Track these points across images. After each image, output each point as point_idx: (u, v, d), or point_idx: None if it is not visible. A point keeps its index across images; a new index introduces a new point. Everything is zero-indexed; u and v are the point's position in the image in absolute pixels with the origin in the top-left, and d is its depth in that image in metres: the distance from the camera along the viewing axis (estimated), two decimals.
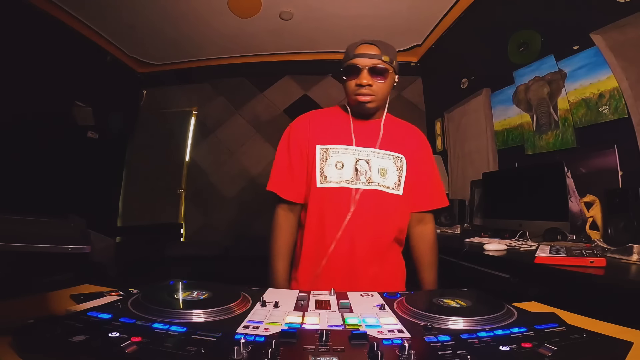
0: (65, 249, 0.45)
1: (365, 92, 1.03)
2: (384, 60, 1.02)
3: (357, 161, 1.06)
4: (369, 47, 1.04)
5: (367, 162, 1.07)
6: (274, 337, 0.47)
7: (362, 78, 1.01)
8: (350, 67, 1.03)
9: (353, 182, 1.05)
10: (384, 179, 1.07)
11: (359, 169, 1.06)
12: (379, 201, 1.05)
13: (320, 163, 1.07)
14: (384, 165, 1.08)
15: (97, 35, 3.04)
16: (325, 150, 1.08)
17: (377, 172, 1.07)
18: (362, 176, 1.05)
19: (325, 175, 1.06)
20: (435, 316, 0.56)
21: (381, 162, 1.08)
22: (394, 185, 1.08)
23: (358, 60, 1.02)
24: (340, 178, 1.05)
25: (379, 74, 1.03)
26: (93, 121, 3.08)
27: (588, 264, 1.08)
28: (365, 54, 1.02)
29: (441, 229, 2.57)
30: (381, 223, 1.06)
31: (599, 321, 0.59)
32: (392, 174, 1.08)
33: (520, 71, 2.18)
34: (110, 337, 0.44)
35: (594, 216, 1.54)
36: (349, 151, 1.07)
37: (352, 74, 1.04)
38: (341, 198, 1.04)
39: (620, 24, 1.53)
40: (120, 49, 3.34)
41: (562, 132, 1.90)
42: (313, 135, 1.10)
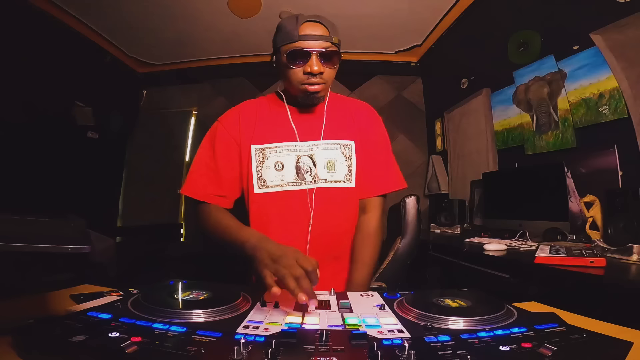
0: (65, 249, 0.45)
1: (316, 81, 0.88)
2: (334, 42, 0.88)
3: (298, 159, 0.94)
4: (315, 25, 0.88)
5: (311, 157, 0.94)
6: (274, 337, 0.47)
7: (313, 65, 0.86)
8: (296, 52, 0.86)
9: (297, 183, 0.94)
10: (332, 174, 0.95)
11: (302, 167, 0.94)
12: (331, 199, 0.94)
13: (257, 166, 0.94)
14: (330, 157, 0.95)
15: (97, 35, 3.04)
16: (262, 150, 0.95)
17: (324, 167, 0.95)
18: (307, 174, 0.94)
19: (263, 179, 0.94)
20: (435, 316, 0.56)
21: (327, 154, 0.95)
22: (344, 177, 0.96)
23: (305, 43, 0.86)
24: (281, 180, 0.93)
25: (329, 60, 0.88)
26: (93, 121, 3.08)
27: (588, 264, 1.08)
28: (314, 36, 0.86)
29: (441, 229, 2.57)
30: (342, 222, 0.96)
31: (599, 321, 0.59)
32: (340, 165, 0.96)
33: (520, 71, 2.18)
34: (110, 337, 0.44)
35: (594, 216, 1.54)
36: (289, 148, 0.95)
37: (298, 59, 0.87)
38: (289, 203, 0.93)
39: (620, 24, 1.53)
40: (120, 49, 3.34)
41: (562, 132, 1.90)
42: (246, 133, 0.96)
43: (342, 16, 2.85)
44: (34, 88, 2.51)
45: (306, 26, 0.88)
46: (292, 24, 0.88)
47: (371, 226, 0.99)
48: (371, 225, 0.99)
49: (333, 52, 0.89)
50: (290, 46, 0.87)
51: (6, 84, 2.30)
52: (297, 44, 0.87)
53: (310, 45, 0.86)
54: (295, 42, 0.87)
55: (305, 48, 0.86)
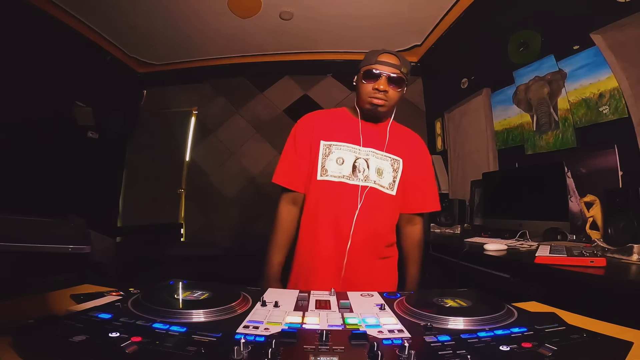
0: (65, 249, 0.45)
1: (381, 97, 1.08)
2: (402, 71, 1.08)
3: (356, 159, 1.11)
4: (390, 56, 1.09)
5: (366, 161, 1.12)
6: (274, 337, 0.47)
7: (381, 83, 1.06)
8: (371, 72, 1.07)
9: (351, 178, 1.10)
10: (380, 178, 1.11)
11: (358, 167, 1.11)
12: (376, 199, 1.10)
13: (322, 157, 1.12)
14: (381, 166, 1.12)
15: (97, 35, 3.04)
16: (329, 146, 1.13)
17: (374, 171, 1.11)
18: (360, 174, 1.10)
19: (326, 169, 1.11)
20: (435, 316, 0.56)
21: (379, 162, 1.13)
22: (388, 185, 1.13)
23: (379, 67, 1.07)
24: (340, 173, 1.10)
25: (396, 83, 1.08)
26: (93, 121, 3.08)
27: (588, 264, 1.08)
28: (387, 62, 1.07)
29: (441, 229, 2.57)
30: (379, 220, 1.11)
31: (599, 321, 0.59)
32: (387, 174, 1.13)
33: (520, 71, 2.18)
34: (110, 337, 0.44)
35: (594, 216, 1.54)
36: (350, 149, 1.12)
37: (371, 78, 1.08)
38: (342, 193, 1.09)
39: (620, 24, 1.53)
40: (120, 49, 3.34)
41: (562, 132, 1.90)
42: (317, 132, 1.15)
43: (343, 16, 2.85)
44: (34, 88, 2.51)
45: (384, 56, 1.09)
46: (374, 53, 1.10)
47: (419, 236, 1.24)
48: (419, 235, 1.24)
49: (400, 79, 1.08)
50: (367, 67, 1.09)
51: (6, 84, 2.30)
52: (374, 66, 1.08)
53: (382, 69, 1.07)
54: (372, 64, 1.08)
55: (378, 70, 1.07)
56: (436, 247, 2.07)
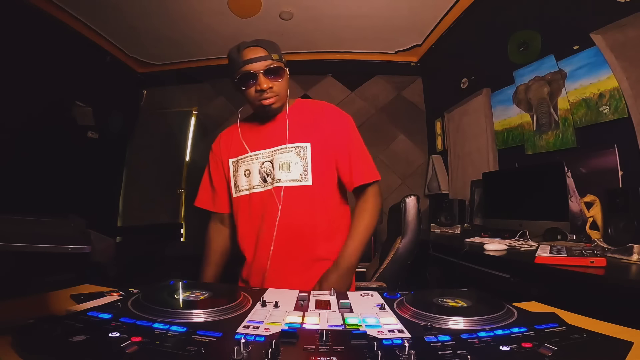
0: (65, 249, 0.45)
1: (268, 96, 1.03)
2: (275, 59, 1.02)
3: (261, 165, 1.09)
4: (255, 50, 1.01)
5: (271, 162, 1.08)
6: (274, 337, 0.47)
7: (262, 83, 1.00)
8: (245, 75, 1.01)
9: (261, 185, 1.08)
10: (287, 174, 1.05)
11: (264, 172, 1.08)
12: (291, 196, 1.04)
13: (233, 175, 1.14)
14: (285, 160, 1.06)
15: (97, 35, 3.04)
16: (235, 162, 1.14)
17: (279, 169, 1.06)
18: (268, 177, 1.08)
19: (237, 185, 1.13)
20: (435, 316, 0.56)
21: (283, 157, 1.07)
22: (299, 176, 1.05)
23: (250, 66, 1.00)
24: (249, 185, 1.10)
25: (274, 75, 1.03)
26: (93, 121, 3.08)
27: (588, 263, 1.08)
28: (255, 58, 1.00)
29: (441, 229, 2.57)
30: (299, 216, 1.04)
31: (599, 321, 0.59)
32: (295, 165, 1.06)
33: (520, 71, 2.18)
34: (110, 337, 0.44)
35: (594, 216, 1.54)
36: (253, 157, 1.11)
37: (248, 82, 1.02)
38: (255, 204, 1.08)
39: (620, 24, 1.53)
40: (120, 49, 3.34)
41: (562, 132, 1.90)
42: (225, 151, 1.17)
43: (342, 16, 2.85)
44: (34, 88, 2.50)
45: (247, 52, 1.01)
46: (235, 54, 1.03)
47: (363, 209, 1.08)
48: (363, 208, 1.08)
49: (276, 68, 1.02)
50: (239, 72, 1.02)
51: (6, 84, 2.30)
52: (244, 68, 1.00)
53: (254, 67, 1.00)
54: (242, 67, 1.00)
55: (251, 70, 1.00)
56: (436, 247, 2.07)
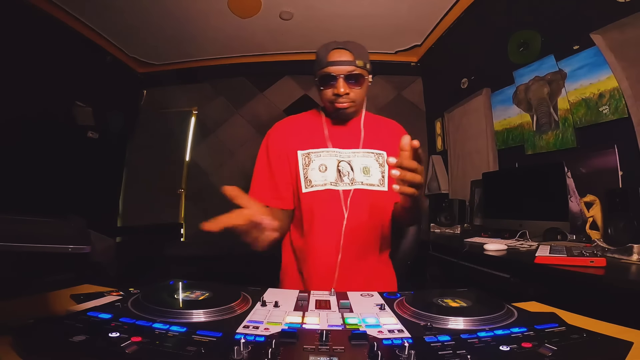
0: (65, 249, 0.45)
1: (344, 100, 1.02)
2: (358, 65, 1.00)
3: (339, 163, 1.07)
4: (341, 52, 1.01)
5: (349, 163, 1.07)
6: (274, 337, 0.47)
7: (339, 87, 0.99)
8: (325, 76, 1.01)
9: (337, 183, 1.05)
10: (367, 177, 1.06)
11: (342, 170, 1.06)
12: (367, 200, 1.05)
13: (303, 168, 1.07)
14: (366, 164, 1.08)
15: (97, 35, 3.04)
16: (307, 154, 1.08)
17: (360, 171, 1.07)
18: (345, 177, 1.06)
19: (309, 179, 1.06)
20: (435, 316, 0.56)
21: (363, 160, 1.08)
22: (378, 182, 1.08)
23: (332, 69, 1.00)
24: (324, 180, 1.05)
25: (355, 81, 1.01)
26: (93, 121, 3.08)
27: (588, 264, 1.08)
28: (339, 62, 0.99)
29: (441, 229, 2.57)
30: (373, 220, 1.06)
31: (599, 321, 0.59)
32: (375, 170, 1.08)
33: (520, 71, 2.18)
34: (110, 337, 0.44)
35: (594, 216, 1.54)
36: (330, 153, 1.08)
37: (328, 83, 1.01)
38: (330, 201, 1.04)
39: (620, 24, 1.53)
40: (120, 49, 3.34)
41: (562, 132, 1.90)
42: (292, 142, 1.10)
43: (342, 16, 2.85)
44: (34, 88, 2.50)
45: (334, 53, 1.01)
46: (324, 51, 1.03)
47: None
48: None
49: (358, 75, 1.01)
50: (321, 72, 1.02)
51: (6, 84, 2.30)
52: (327, 69, 1.01)
53: (336, 70, 1.00)
54: (325, 67, 1.01)
55: (332, 73, 1.00)
56: (436, 247, 2.07)
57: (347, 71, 0.99)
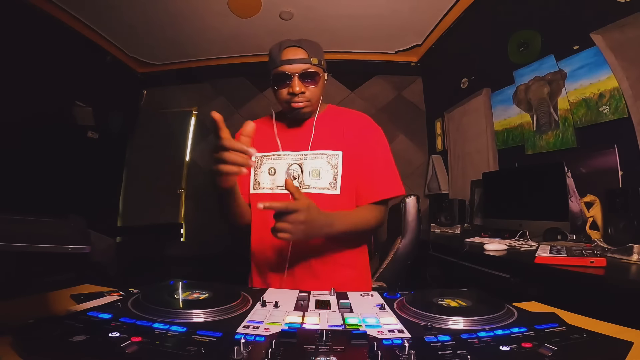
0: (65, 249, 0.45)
1: (299, 100, 0.99)
2: (313, 63, 0.98)
3: (289, 166, 1.05)
4: (295, 50, 0.98)
5: (300, 165, 1.04)
6: (274, 337, 0.47)
7: (295, 86, 0.97)
8: (279, 75, 0.98)
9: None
10: (316, 181, 1.03)
11: (292, 174, 1.04)
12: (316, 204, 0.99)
13: (254, 170, 1.08)
14: (316, 166, 1.04)
15: (97, 35, 3.04)
16: (259, 158, 1.08)
17: (309, 175, 1.03)
18: (295, 180, 1.03)
19: (258, 181, 1.07)
20: (435, 316, 0.56)
21: (314, 163, 1.04)
22: (329, 185, 1.03)
23: (286, 67, 0.97)
24: (272, 184, 1.05)
25: (310, 79, 0.99)
26: (93, 121, 3.08)
27: (588, 264, 1.08)
28: (293, 60, 0.97)
29: (441, 229, 2.57)
30: None
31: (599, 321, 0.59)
32: (326, 173, 1.03)
33: (520, 71, 2.18)
34: (110, 337, 0.44)
35: (594, 216, 1.54)
36: (281, 157, 1.06)
37: (282, 83, 0.99)
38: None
39: (620, 24, 1.53)
40: (121, 49, 3.34)
41: (562, 132, 1.90)
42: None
43: (342, 16, 2.85)
44: (34, 88, 2.50)
45: (287, 51, 0.98)
46: (276, 51, 1.00)
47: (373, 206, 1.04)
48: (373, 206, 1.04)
49: (313, 73, 0.99)
50: (275, 71, 0.99)
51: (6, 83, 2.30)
52: (280, 68, 0.98)
53: (290, 69, 0.97)
54: (278, 66, 0.98)
55: (286, 71, 0.97)
56: (436, 247, 2.07)
57: (301, 69, 0.97)
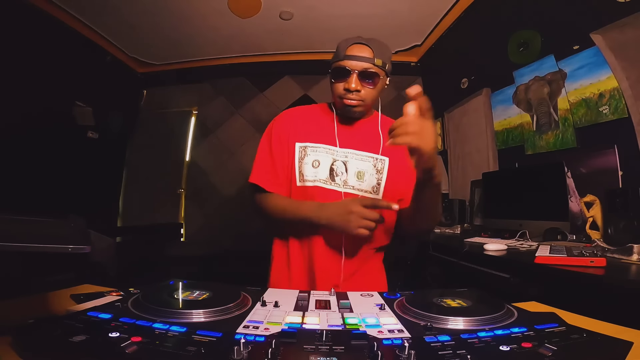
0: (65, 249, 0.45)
1: (353, 97, 0.97)
2: (376, 64, 0.95)
3: (334, 162, 1.02)
4: (361, 47, 0.96)
5: (345, 163, 1.02)
6: (274, 337, 0.47)
7: (351, 82, 0.95)
8: (339, 69, 0.96)
9: (328, 182, 1.01)
10: (360, 182, 1.02)
11: (335, 170, 1.01)
12: None
13: (298, 161, 1.03)
14: (361, 168, 1.02)
15: (97, 35, 3.04)
16: (304, 148, 1.03)
17: (354, 175, 1.01)
18: (338, 177, 1.01)
19: (302, 173, 1.02)
20: (435, 316, 0.56)
21: (359, 164, 1.02)
22: (371, 189, 1.02)
23: (348, 63, 0.95)
24: (314, 177, 1.01)
25: (368, 79, 0.96)
26: (93, 121, 3.08)
27: (588, 264, 1.08)
28: (357, 57, 0.94)
29: (441, 229, 2.57)
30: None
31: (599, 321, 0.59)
32: (370, 177, 1.02)
33: (520, 71, 2.18)
34: (110, 337, 0.44)
35: (594, 216, 1.54)
36: (327, 151, 1.03)
37: (340, 77, 0.97)
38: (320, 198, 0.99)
39: (620, 24, 1.53)
40: (121, 49, 3.34)
41: (562, 132, 1.90)
42: (293, 132, 1.05)
43: (342, 16, 2.85)
44: (34, 88, 2.50)
45: (353, 47, 0.96)
46: (344, 44, 0.98)
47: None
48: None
49: (373, 74, 0.96)
50: (336, 64, 0.97)
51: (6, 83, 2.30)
52: (342, 62, 0.96)
53: (351, 65, 0.95)
54: (341, 60, 0.96)
55: (347, 67, 0.95)
56: (436, 247, 2.07)
57: (362, 67, 0.94)
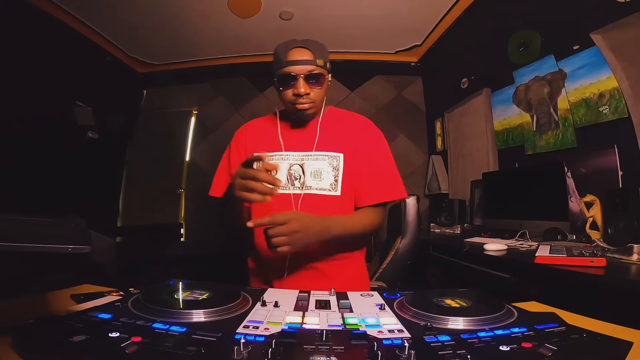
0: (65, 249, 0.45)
1: (304, 101, 0.99)
2: (319, 64, 0.98)
3: (290, 166, 1.05)
4: (301, 51, 0.98)
5: (301, 166, 1.05)
6: (274, 337, 0.47)
7: (299, 87, 0.97)
8: (285, 76, 0.98)
9: (287, 187, 1.04)
10: (318, 182, 1.04)
11: (293, 174, 1.05)
12: (317, 205, 1.02)
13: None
14: (318, 167, 1.05)
15: (97, 35, 3.04)
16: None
17: (310, 176, 1.04)
18: (296, 181, 1.04)
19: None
20: (435, 316, 0.56)
21: (315, 164, 1.05)
22: (330, 186, 1.04)
23: (292, 68, 0.97)
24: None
25: (314, 81, 0.99)
26: (93, 121, 3.08)
27: (588, 263, 1.08)
28: (299, 61, 0.97)
29: (441, 229, 2.57)
30: None
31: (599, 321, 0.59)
32: (327, 175, 1.04)
33: (521, 71, 2.18)
34: (110, 337, 0.44)
35: (594, 216, 1.54)
36: (283, 157, 1.06)
37: (287, 83, 0.99)
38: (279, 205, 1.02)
39: (620, 24, 1.53)
40: (120, 49, 3.34)
41: (562, 132, 1.90)
42: (250, 144, 1.11)
43: (342, 16, 2.85)
44: (35, 88, 2.50)
45: (294, 52, 0.98)
46: (282, 51, 0.99)
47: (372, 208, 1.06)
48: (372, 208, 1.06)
49: (318, 75, 0.99)
50: (280, 71, 0.99)
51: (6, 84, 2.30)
52: (286, 69, 0.98)
53: (295, 69, 0.97)
54: (284, 67, 0.98)
55: (292, 72, 0.97)
56: (436, 247, 2.07)
57: (307, 71, 0.97)
